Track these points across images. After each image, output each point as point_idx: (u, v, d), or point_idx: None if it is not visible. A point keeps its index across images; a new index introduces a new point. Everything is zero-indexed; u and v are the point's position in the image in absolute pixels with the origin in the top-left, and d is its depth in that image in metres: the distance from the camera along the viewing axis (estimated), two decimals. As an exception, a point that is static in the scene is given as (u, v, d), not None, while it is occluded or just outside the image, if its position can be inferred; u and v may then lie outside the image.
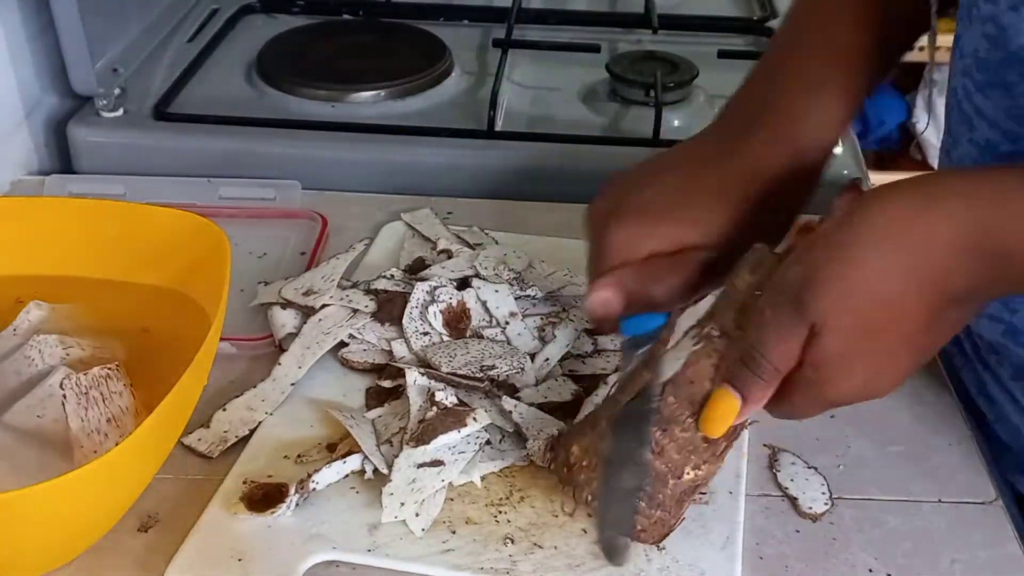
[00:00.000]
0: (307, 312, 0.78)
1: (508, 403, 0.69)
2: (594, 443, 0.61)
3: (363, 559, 0.62)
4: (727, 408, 0.57)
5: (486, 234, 0.89)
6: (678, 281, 0.63)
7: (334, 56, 1.14)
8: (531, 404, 0.70)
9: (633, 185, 0.66)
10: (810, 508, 0.66)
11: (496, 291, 0.78)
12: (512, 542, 0.62)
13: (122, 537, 0.63)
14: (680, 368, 0.59)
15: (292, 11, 1.26)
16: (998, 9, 0.61)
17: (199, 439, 0.69)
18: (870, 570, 0.63)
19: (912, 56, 0.73)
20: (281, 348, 0.76)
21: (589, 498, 0.61)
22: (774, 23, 1.24)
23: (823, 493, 0.67)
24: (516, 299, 0.78)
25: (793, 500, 0.67)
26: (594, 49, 1.16)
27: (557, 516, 0.64)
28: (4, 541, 0.55)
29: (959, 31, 0.67)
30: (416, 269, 0.82)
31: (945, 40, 0.71)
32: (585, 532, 0.63)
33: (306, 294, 0.79)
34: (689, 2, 1.31)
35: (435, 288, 0.77)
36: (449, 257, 0.84)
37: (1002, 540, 0.65)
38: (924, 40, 0.71)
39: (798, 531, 0.65)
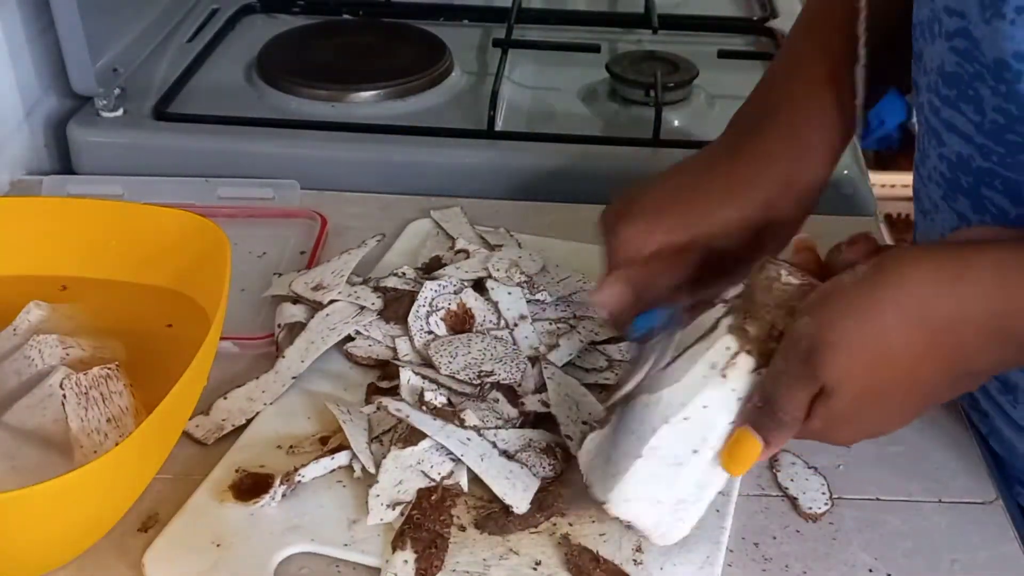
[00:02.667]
0: (315, 307, 0.78)
1: (488, 435, 0.68)
2: None
3: (338, 553, 0.62)
4: (750, 450, 0.57)
5: (511, 235, 0.88)
6: (681, 273, 0.64)
7: (334, 56, 1.14)
8: (528, 412, 0.70)
9: (642, 188, 0.67)
10: (810, 508, 0.66)
11: (509, 293, 0.78)
12: (488, 547, 0.62)
13: (122, 537, 0.63)
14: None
15: (292, 11, 1.26)
16: (968, 23, 0.60)
17: (196, 425, 0.70)
18: (870, 570, 0.63)
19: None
20: (277, 347, 0.76)
21: None
22: (774, 23, 1.25)
23: (823, 493, 0.67)
24: (527, 302, 0.78)
25: (793, 500, 0.67)
26: (594, 49, 1.16)
27: (538, 525, 0.64)
28: (4, 541, 0.55)
29: (919, 47, 0.67)
30: (432, 268, 0.82)
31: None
32: (561, 543, 0.62)
33: (315, 289, 0.79)
34: (689, 2, 1.32)
35: (433, 298, 0.77)
36: (467, 258, 0.84)
37: (1002, 540, 0.65)
38: None
39: (798, 531, 0.65)
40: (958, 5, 0.60)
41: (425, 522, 0.62)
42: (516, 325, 0.76)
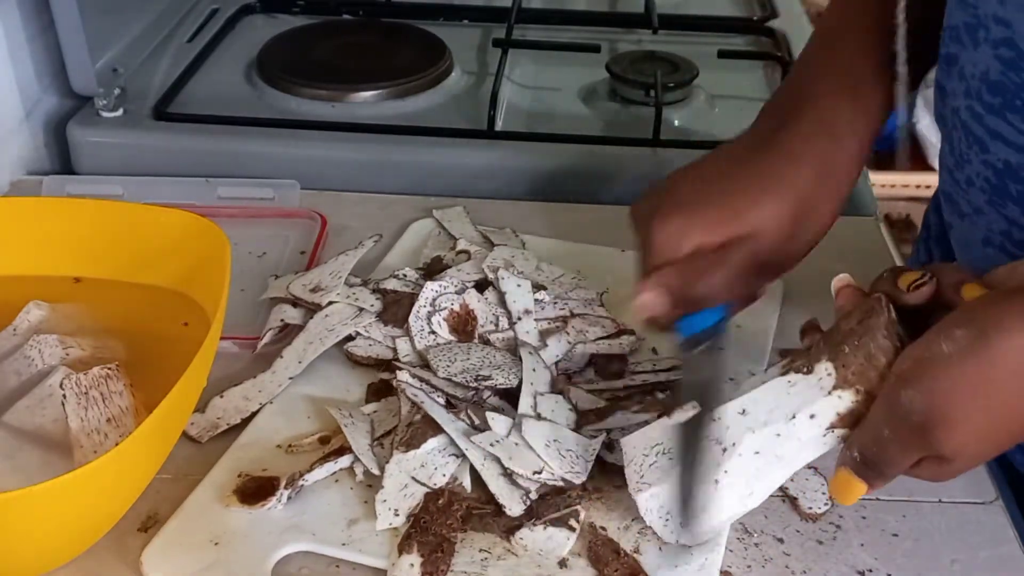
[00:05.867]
0: (313, 309, 0.78)
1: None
2: None
3: (336, 552, 0.62)
4: (856, 490, 0.58)
5: (516, 235, 0.88)
6: (722, 274, 0.63)
7: (334, 56, 1.14)
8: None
9: (673, 183, 0.67)
10: (810, 508, 0.66)
11: (519, 285, 0.78)
12: (487, 549, 0.62)
13: (122, 537, 0.63)
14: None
15: (292, 11, 1.26)
16: (1014, 33, 0.60)
17: (191, 423, 0.70)
18: (870, 570, 0.63)
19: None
20: (254, 348, 0.76)
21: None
22: (774, 23, 1.25)
23: (823, 493, 0.67)
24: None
25: (793, 500, 0.67)
26: (594, 49, 1.16)
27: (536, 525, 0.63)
28: (4, 541, 0.55)
29: (953, 51, 0.66)
30: (433, 269, 0.82)
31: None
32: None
33: (313, 291, 0.79)
34: (689, 2, 1.32)
35: (436, 297, 0.77)
36: (468, 259, 0.83)
37: (1002, 540, 0.65)
38: None
39: (798, 531, 0.65)
40: (1005, 14, 0.60)
41: (432, 526, 0.62)
42: (520, 319, 0.76)
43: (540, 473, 0.64)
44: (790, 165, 0.65)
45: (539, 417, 0.68)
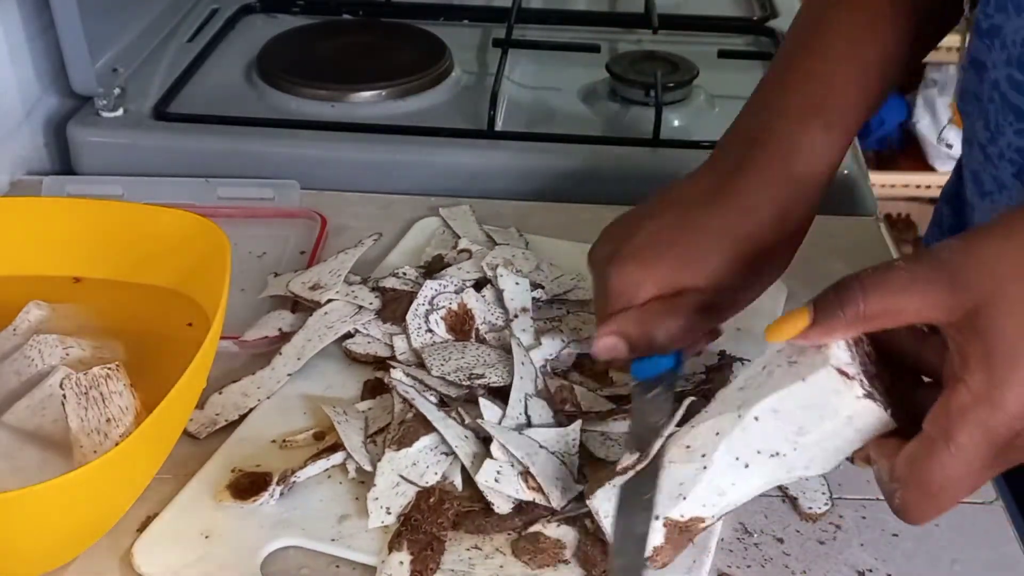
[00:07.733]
0: (312, 306, 0.78)
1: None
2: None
3: (326, 548, 0.62)
4: (795, 320, 0.53)
5: (520, 235, 0.88)
6: (676, 324, 0.63)
7: (334, 56, 1.15)
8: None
9: (629, 228, 0.66)
10: (810, 508, 0.66)
11: (516, 283, 0.78)
12: (476, 548, 0.62)
13: (122, 537, 0.63)
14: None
15: (292, 11, 1.26)
16: None
17: (190, 419, 0.70)
18: (870, 570, 0.63)
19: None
20: (242, 344, 0.77)
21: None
22: (774, 23, 1.25)
23: (823, 493, 0.67)
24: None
25: (793, 500, 0.67)
26: (594, 49, 1.16)
27: (515, 530, 0.63)
28: (4, 541, 0.55)
29: (997, 22, 0.65)
30: (434, 267, 0.82)
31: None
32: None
33: (313, 288, 0.79)
34: (689, 2, 1.32)
35: (435, 296, 0.77)
36: (469, 258, 0.84)
37: (1002, 540, 0.65)
38: None
39: (798, 531, 0.65)
40: None
41: (423, 524, 0.62)
42: (516, 316, 0.76)
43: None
44: (745, 217, 0.65)
45: (529, 422, 0.68)
